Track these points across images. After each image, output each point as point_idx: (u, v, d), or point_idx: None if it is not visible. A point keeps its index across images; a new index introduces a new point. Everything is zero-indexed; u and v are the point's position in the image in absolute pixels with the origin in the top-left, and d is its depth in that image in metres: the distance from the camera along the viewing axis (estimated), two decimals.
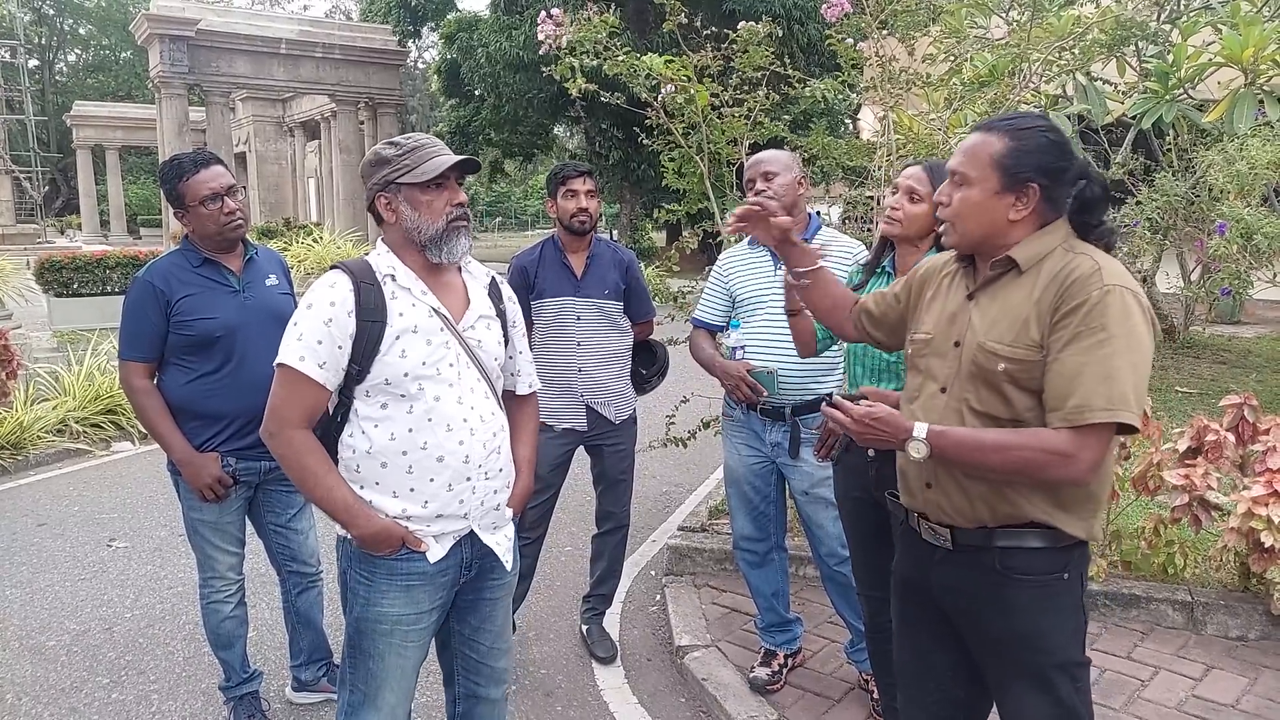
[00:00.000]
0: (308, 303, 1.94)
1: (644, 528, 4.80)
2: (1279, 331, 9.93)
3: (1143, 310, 1.64)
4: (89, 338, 7.97)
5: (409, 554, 1.99)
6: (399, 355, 1.92)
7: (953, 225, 1.79)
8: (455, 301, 2.05)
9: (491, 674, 2.22)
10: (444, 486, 1.97)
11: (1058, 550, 1.75)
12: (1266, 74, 4.76)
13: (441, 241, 1.98)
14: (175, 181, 2.70)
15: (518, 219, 50.80)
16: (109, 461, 6.46)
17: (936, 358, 1.85)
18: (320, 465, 1.93)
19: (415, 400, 1.93)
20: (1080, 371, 1.61)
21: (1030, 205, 1.72)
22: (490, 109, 23.27)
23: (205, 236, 2.75)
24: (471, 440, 1.98)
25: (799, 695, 3.10)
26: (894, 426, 1.74)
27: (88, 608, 3.98)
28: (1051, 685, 1.76)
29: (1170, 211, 7.10)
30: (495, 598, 2.17)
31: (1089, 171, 1.75)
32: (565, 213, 3.25)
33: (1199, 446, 3.46)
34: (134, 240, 33.16)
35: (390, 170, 1.97)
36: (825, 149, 4.50)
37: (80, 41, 49.04)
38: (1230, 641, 3.34)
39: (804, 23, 18.46)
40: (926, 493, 1.86)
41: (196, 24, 22.30)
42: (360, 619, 2.03)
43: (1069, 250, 1.72)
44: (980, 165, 1.73)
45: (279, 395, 1.93)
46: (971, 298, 1.81)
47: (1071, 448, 1.61)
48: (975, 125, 1.83)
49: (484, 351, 2.05)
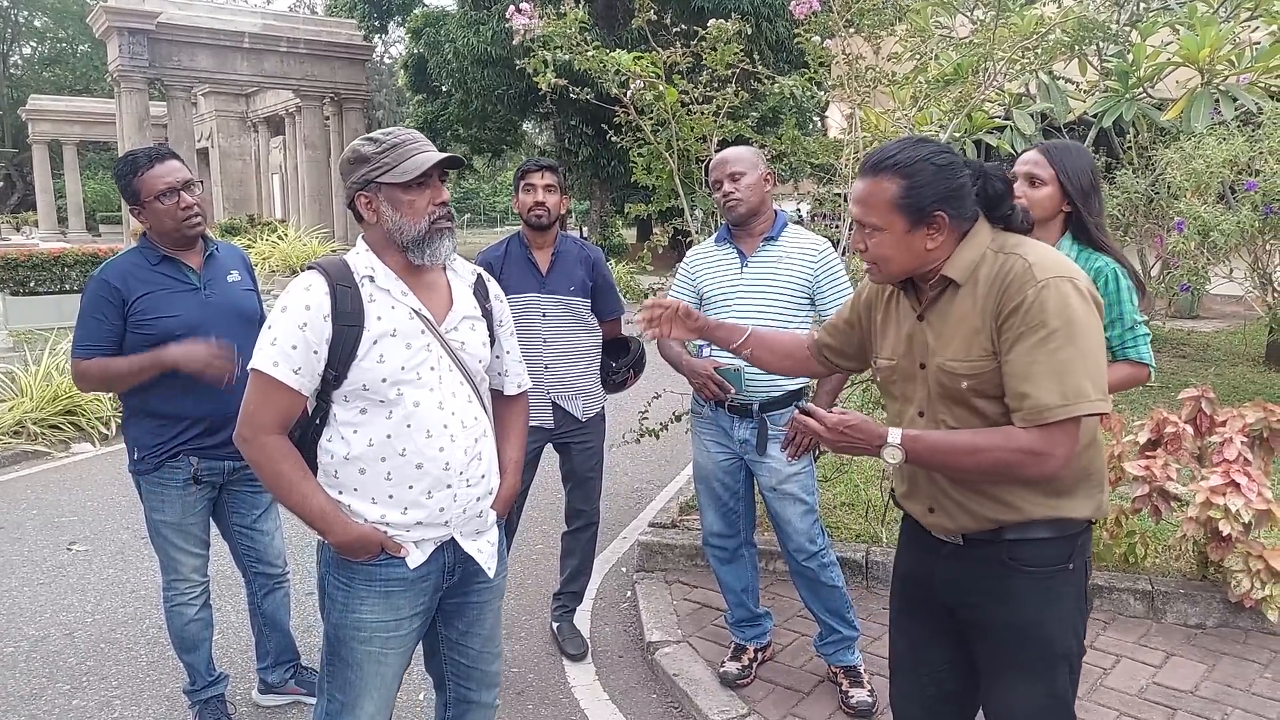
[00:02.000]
0: (282, 305, 1.87)
1: (615, 524, 4.80)
2: (1236, 326, 10.14)
3: (1082, 294, 1.65)
4: (47, 337, 7.82)
5: (388, 560, 1.93)
6: (377, 360, 1.86)
7: (877, 266, 1.80)
8: (438, 302, 1.98)
9: (483, 678, 2.18)
10: (423, 493, 1.92)
11: (1064, 539, 1.77)
12: (1222, 74, 4.86)
13: (424, 244, 1.91)
14: (130, 177, 2.65)
15: (486, 215, 50.54)
16: (68, 463, 6.34)
17: (906, 382, 1.86)
18: (295, 471, 1.88)
19: (394, 406, 1.88)
20: (1030, 371, 1.62)
21: (943, 231, 1.72)
22: (458, 105, 23.11)
23: (163, 233, 2.70)
24: (452, 447, 1.92)
25: (769, 689, 3.12)
26: (867, 434, 1.74)
27: (47, 613, 3.90)
28: (1048, 675, 1.78)
29: (1130, 208, 7.23)
30: (482, 601, 2.12)
31: (984, 170, 1.76)
32: (523, 206, 3.26)
33: (1158, 438, 3.53)
34: (93, 237, 32.51)
35: (370, 169, 1.89)
36: (793, 144, 4.52)
37: (36, 34, 47.99)
38: (1189, 629, 3.41)
39: (773, 20, 18.51)
40: (930, 517, 1.87)
41: (157, 17, 21.90)
42: (338, 626, 1.98)
43: (999, 251, 1.73)
44: (882, 211, 1.72)
45: (252, 401, 1.87)
46: (922, 318, 1.83)
47: (1041, 445, 1.63)
48: (860, 166, 1.80)
49: (467, 354, 1.99)
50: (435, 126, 24.32)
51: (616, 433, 3.91)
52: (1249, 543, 3.27)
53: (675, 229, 4.79)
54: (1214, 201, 6.01)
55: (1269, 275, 6.26)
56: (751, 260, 2.96)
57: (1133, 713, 2.89)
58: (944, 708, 1.99)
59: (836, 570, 3.02)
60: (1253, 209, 5.49)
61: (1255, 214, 5.48)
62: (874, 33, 4.59)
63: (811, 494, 2.98)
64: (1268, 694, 2.97)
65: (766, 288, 2.91)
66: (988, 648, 1.85)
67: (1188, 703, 2.94)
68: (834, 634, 3.03)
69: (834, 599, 3.01)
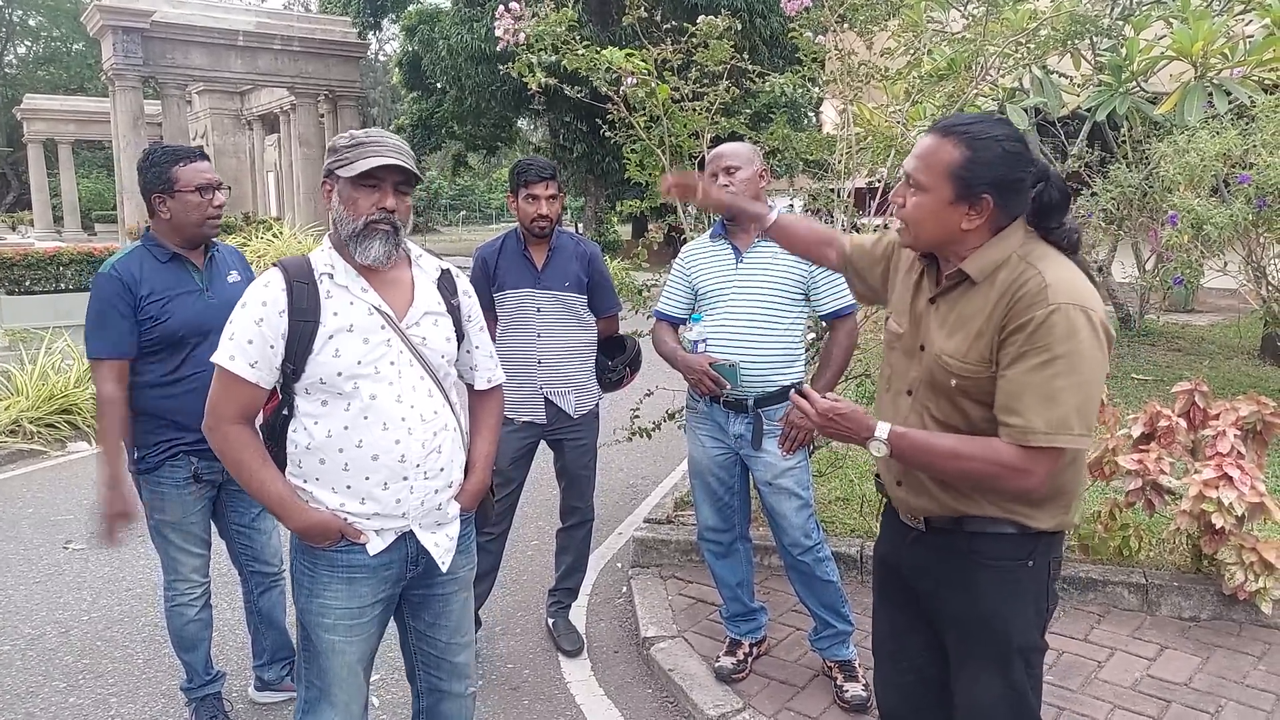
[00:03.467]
0: (242, 301, 1.95)
1: (610, 520, 4.80)
2: (1230, 319, 10.16)
3: (1092, 327, 1.62)
4: (42, 336, 7.80)
5: (349, 546, 1.99)
6: (332, 355, 1.92)
7: (908, 227, 1.79)
8: (399, 298, 2.01)
9: (453, 669, 2.20)
10: (379, 485, 1.96)
11: (1025, 537, 1.78)
12: (1215, 67, 4.87)
13: (357, 241, 1.94)
14: (169, 165, 2.66)
15: (482, 212, 50.49)
16: (64, 462, 6.33)
17: (907, 356, 1.88)
18: (255, 459, 1.95)
19: (351, 399, 1.93)
20: (1023, 392, 1.62)
21: (983, 215, 1.70)
22: (452, 102, 23.08)
23: (184, 225, 2.70)
24: (409, 439, 1.96)
25: (764, 683, 3.13)
26: (857, 424, 1.76)
27: (42, 611, 3.90)
28: (1006, 667, 1.80)
29: (1125, 202, 7.25)
30: (447, 593, 2.15)
31: (1049, 174, 1.72)
32: (526, 216, 3.24)
33: (1152, 432, 3.54)
34: (88, 236, 32.40)
35: (335, 160, 1.96)
36: (786, 141, 4.52)
37: (30, 33, 47.76)
38: (1183, 622, 3.42)
39: (765, 16, 18.52)
40: (897, 490, 1.91)
41: (150, 15, 21.81)
42: (304, 611, 2.04)
43: (1023, 259, 1.69)
44: (934, 174, 1.70)
45: (215, 392, 1.96)
46: (933, 301, 1.83)
47: (1022, 463, 1.64)
48: (934, 124, 1.78)
49: (429, 349, 2.02)
50: (430, 123, 24.31)
51: (611, 429, 3.92)
52: (1242, 535, 3.29)
53: (669, 225, 4.79)
54: (1207, 195, 6.02)
55: (1263, 268, 6.28)
56: (747, 256, 2.96)
57: (1127, 705, 2.90)
58: (924, 694, 2.00)
59: (831, 565, 3.03)
60: (1246, 202, 5.50)
61: (1248, 207, 5.49)
62: (867, 28, 4.59)
63: (806, 489, 2.99)
64: (1261, 686, 2.99)
65: (761, 283, 2.91)
66: (952, 636, 1.88)
67: (1182, 695, 2.95)
68: (829, 629, 3.04)
69: (829, 594, 3.01)
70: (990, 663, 1.81)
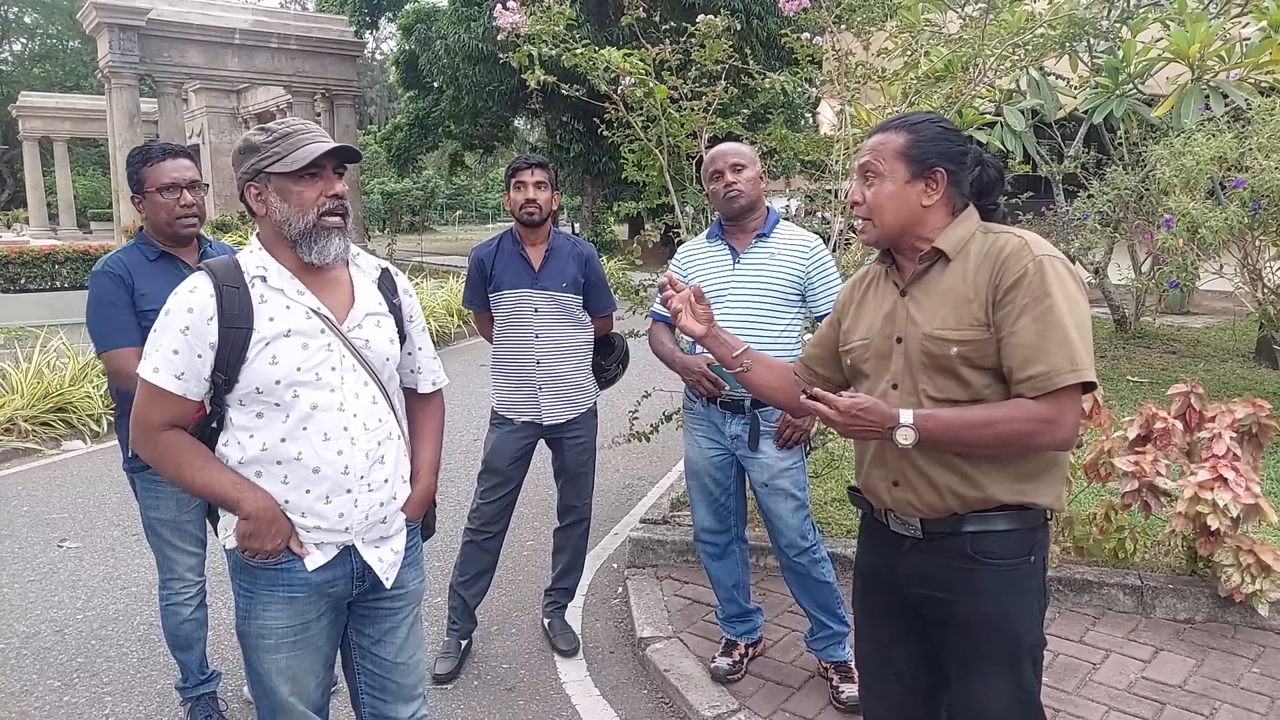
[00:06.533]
0: (167, 308, 1.81)
1: (606, 520, 4.80)
2: (1226, 322, 10.18)
3: (1072, 275, 1.72)
4: (37, 334, 7.79)
5: (290, 561, 1.87)
6: (269, 362, 1.79)
7: (870, 221, 1.85)
8: (339, 300, 1.90)
9: (398, 690, 2.07)
10: (320, 499, 1.85)
11: (1025, 531, 1.80)
12: (1212, 69, 4.87)
13: (311, 239, 1.82)
14: (140, 165, 2.69)
15: (478, 212, 50.41)
16: (59, 461, 6.31)
17: (879, 358, 1.88)
18: (197, 458, 1.83)
19: (290, 408, 1.81)
20: (1040, 340, 1.67)
21: (939, 190, 1.80)
22: (449, 101, 23.05)
23: (156, 225, 2.72)
24: (352, 450, 1.85)
25: (760, 684, 3.13)
26: (880, 415, 1.71)
27: (37, 609, 3.89)
28: (1016, 668, 1.80)
29: (1121, 204, 7.26)
30: (395, 609, 2.03)
31: (983, 157, 1.86)
32: (515, 204, 3.27)
33: (1148, 434, 3.54)
34: (84, 234, 32.31)
35: (260, 158, 1.82)
36: (783, 141, 4.52)
37: (25, 30, 47.62)
38: (1178, 624, 3.43)
39: (763, 17, 18.52)
40: (894, 491, 1.87)
41: (147, 13, 21.76)
42: (244, 634, 1.93)
43: (987, 232, 1.81)
44: (887, 159, 1.81)
45: (140, 405, 1.82)
46: (905, 293, 1.85)
47: (1053, 413, 1.67)
48: (871, 129, 1.92)
49: (372, 352, 1.91)
50: (427, 123, 24.26)
51: (607, 431, 3.91)
52: (1238, 537, 3.29)
53: (666, 225, 4.79)
54: (1203, 198, 6.03)
55: (1258, 271, 6.29)
56: (744, 256, 2.96)
57: (1122, 707, 2.90)
58: (911, 706, 2.00)
59: (827, 566, 3.03)
60: (1241, 205, 5.51)
61: (1244, 210, 5.50)
62: (864, 29, 4.59)
63: (803, 489, 2.99)
64: (1256, 688, 2.99)
65: (759, 284, 2.91)
66: (956, 643, 1.86)
67: (1176, 697, 2.96)
68: (825, 629, 3.04)
69: (825, 594, 3.02)
70: (1001, 665, 1.80)
